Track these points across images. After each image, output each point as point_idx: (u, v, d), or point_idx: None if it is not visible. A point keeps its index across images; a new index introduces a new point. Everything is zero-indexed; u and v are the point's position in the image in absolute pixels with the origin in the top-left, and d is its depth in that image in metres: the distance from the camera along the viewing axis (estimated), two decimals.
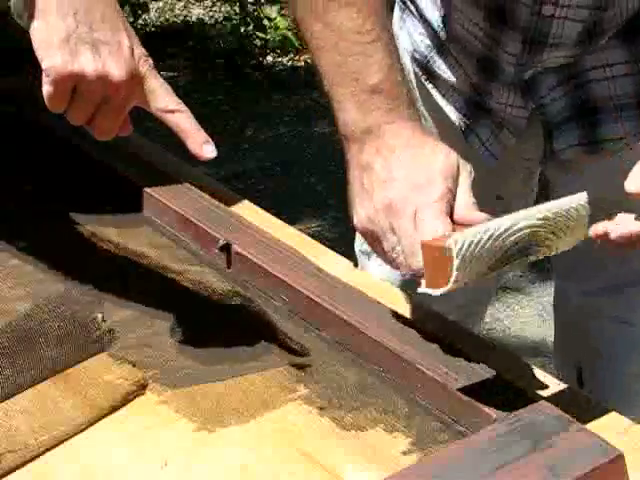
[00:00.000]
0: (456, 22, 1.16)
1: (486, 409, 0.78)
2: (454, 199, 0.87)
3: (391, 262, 0.87)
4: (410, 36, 1.25)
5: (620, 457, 0.73)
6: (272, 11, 4.52)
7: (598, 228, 0.85)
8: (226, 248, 0.99)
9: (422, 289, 0.79)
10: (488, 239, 0.76)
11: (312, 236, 1.09)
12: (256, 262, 0.97)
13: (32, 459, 0.76)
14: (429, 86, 1.24)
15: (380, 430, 0.80)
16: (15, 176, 1.15)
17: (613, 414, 0.82)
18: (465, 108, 1.22)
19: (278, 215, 1.11)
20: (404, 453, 0.78)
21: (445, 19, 1.18)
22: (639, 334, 1.26)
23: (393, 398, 0.83)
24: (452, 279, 0.75)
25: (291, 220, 1.17)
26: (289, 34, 4.37)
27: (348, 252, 1.38)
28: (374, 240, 0.88)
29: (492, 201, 1.30)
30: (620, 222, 0.85)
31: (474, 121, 1.22)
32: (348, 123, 0.90)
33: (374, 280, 1.01)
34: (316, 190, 3.34)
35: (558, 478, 0.70)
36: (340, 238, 1.50)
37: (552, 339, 1.47)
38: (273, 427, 0.80)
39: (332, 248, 1.05)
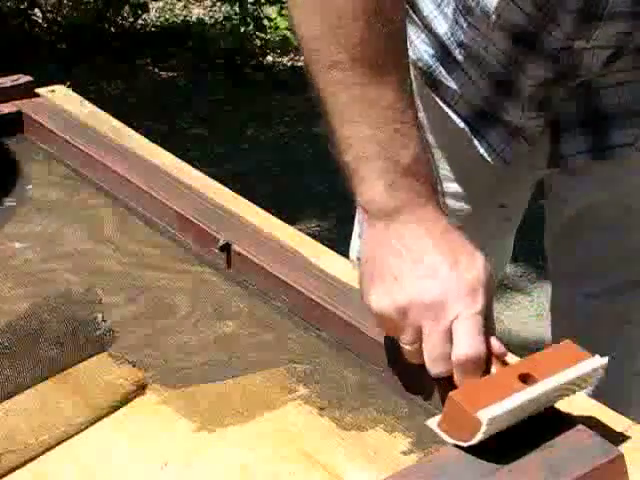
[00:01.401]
0: (473, 41, 1.13)
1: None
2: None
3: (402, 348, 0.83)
4: (411, 44, 1.21)
5: (620, 457, 0.73)
6: (272, 11, 4.53)
7: None
8: (226, 248, 0.99)
9: (432, 425, 0.77)
10: (514, 411, 0.75)
11: (312, 236, 1.09)
12: (256, 262, 0.97)
13: (32, 459, 0.76)
14: (433, 94, 1.21)
15: (380, 430, 0.80)
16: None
17: (613, 414, 0.82)
18: (473, 116, 1.19)
19: (278, 215, 1.11)
20: (404, 453, 0.78)
21: (457, 35, 1.15)
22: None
23: (393, 398, 0.83)
24: (469, 443, 0.74)
25: (291, 220, 1.17)
26: (289, 34, 4.37)
27: (348, 252, 1.38)
28: (390, 327, 0.83)
29: (494, 209, 1.30)
30: None
31: (483, 129, 1.19)
32: (374, 200, 0.84)
33: None
34: (316, 190, 3.34)
35: (558, 478, 0.70)
36: (340, 238, 1.50)
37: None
38: (273, 427, 0.80)
39: (332, 248, 1.05)
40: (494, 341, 0.82)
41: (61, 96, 1.33)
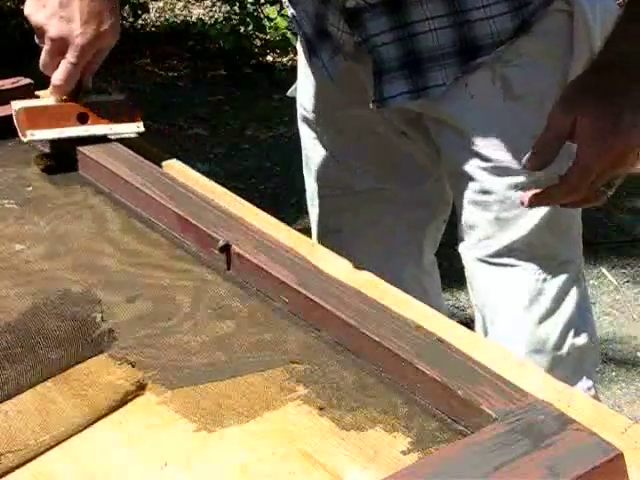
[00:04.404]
0: None
1: (486, 409, 0.78)
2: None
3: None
4: None
5: (620, 457, 0.73)
6: (272, 11, 4.53)
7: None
8: (226, 249, 0.99)
9: (15, 106, 1.12)
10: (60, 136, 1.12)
11: (312, 236, 1.09)
12: (256, 263, 0.97)
13: (32, 459, 0.76)
14: (293, 11, 1.37)
15: (380, 430, 0.80)
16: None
17: (613, 413, 0.82)
18: (313, 32, 1.33)
19: (278, 215, 1.11)
20: (404, 453, 0.78)
21: None
22: (516, 274, 1.32)
23: (393, 398, 0.83)
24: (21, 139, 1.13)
25: (291, 220, 1.17)
26: (289, 34, 4.37)
27: None
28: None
29: (398, 136, 1.40)
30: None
31: (318, 44, 1.33)
32: None
33: (374, 280, 1.01)
34: None
35: (558, 478, 0.70)
36: None
37: None
38: (273, 427, 0.80)
39: None
40: (85, 85, 1.17)
41: None
